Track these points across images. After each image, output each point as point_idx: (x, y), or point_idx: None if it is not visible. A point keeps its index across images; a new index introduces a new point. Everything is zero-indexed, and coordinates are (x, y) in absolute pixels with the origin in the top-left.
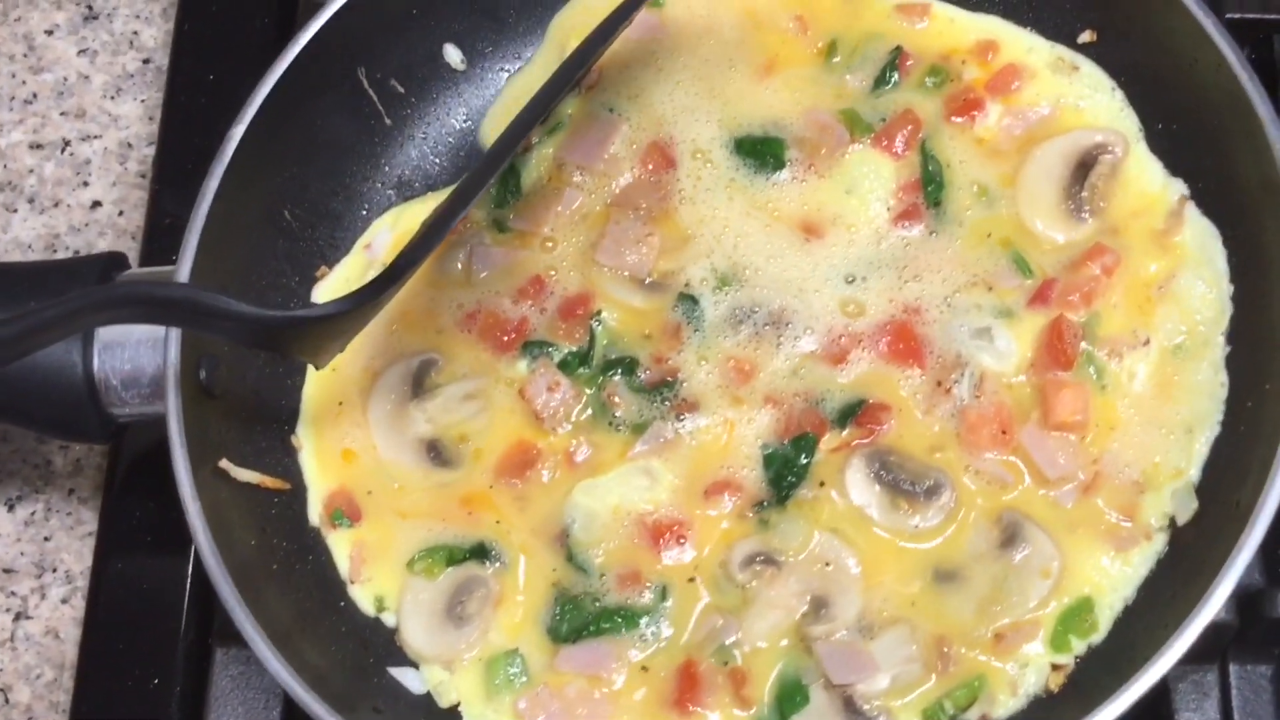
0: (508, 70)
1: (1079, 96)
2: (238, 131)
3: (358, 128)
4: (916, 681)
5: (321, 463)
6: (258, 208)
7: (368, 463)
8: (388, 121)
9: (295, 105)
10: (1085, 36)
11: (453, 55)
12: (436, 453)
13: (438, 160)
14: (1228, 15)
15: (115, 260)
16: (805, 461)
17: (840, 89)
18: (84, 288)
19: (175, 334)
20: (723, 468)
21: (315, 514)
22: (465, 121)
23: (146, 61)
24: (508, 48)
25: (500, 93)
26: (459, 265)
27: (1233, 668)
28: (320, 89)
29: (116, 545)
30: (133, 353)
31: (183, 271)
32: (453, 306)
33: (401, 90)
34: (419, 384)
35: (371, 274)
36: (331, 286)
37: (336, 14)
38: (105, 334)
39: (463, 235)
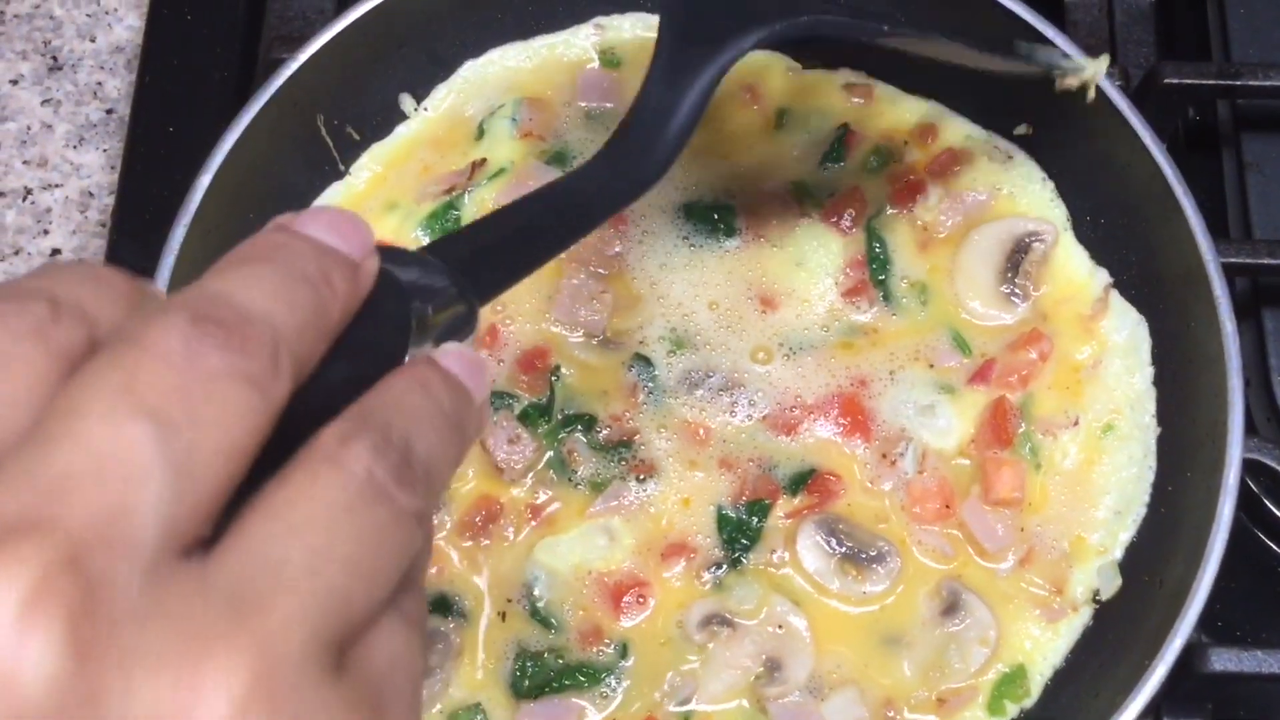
0: None
1: (1012, 185)
2: (204, 181)
3: (312, 174)
4: None
5: None
6: (215, 257)
7: None
8: (341, 167)
9: (257, 154)
10: (1021, 129)
11: (408, 104)
12: None
13: None
14: (1165, 80)
15: None
16: (758, 526)
17: (789, 161)
18: None
19: None
20: (678, 530)
21: None
22: None
23: (109, 112)
24: None
25: None
26: None
27: None
28: (281, 137)
29: None
30: None
31: None
32: None
33: (357, 138)
34: None
35: None
36: None
37: (303, 65)
38: None
39: None
